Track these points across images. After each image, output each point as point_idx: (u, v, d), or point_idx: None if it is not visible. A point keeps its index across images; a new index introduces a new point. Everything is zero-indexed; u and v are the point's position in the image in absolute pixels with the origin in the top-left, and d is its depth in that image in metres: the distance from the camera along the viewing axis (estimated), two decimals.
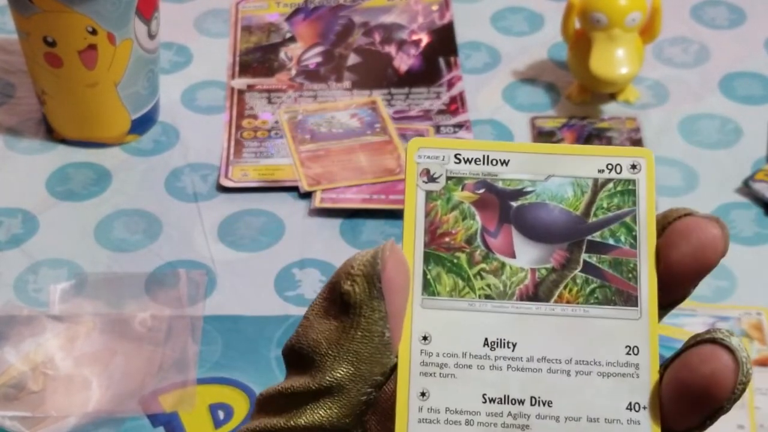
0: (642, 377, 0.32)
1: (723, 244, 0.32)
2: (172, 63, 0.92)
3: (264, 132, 0.86)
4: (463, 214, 0.33)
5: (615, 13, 0.82)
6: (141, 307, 0.73)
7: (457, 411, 0.32)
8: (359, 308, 0.31)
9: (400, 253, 0.32)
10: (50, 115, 0.84)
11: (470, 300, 0.32)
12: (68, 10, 0.77)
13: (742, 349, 0.31)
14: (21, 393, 0.68)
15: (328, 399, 0.31)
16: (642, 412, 0.32)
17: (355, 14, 0.96)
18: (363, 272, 0.31)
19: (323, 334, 0.32)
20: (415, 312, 0.32)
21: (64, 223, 0.79)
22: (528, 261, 0.33)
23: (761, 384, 0.69)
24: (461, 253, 0.33)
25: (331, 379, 0.31)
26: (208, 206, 0.80)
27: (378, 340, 0.31)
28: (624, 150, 0.34)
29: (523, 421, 0.32)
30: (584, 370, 0.32)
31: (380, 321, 0.31)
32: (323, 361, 0.31)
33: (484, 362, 0.32)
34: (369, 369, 0.31)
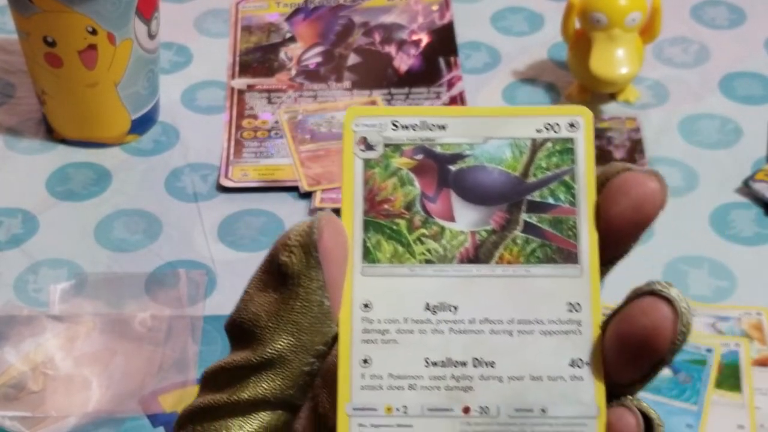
0: (584, 334, 0.32)
1: (661, 197, 0.32)
2: (172, 63, 0.92)
3: (264, 132, 0.86)
4: (402, 181, 0.33)
5: (615, 13, 0.82)
6: (141, 307, 0.73)
7: (399, 376, 0.32)
8: (297, 278, 0.31)
9: (336, 221, 0.32)
10: (50, 115, 0.84)
11: (410, 265, 0.32)
12: (68, 10, 0.77)
13: (681, 299, 0.31)
14: (21, 393, 0.68)
15: (270, 371, 0.31)
16: (585, 368, 0.32)
17: (355, 14, 0.96)
18: (300, 242, 0.31)
19: (263, 306, 0.31)
20: (356, 280, 0.32)
21: (64, 223, 0.79)
22: (468, 224, 0.33)
23: (761, 384, 0.68)
24: (400, 219, 0.33)
25: (272, 351, 0.31)
26: (208, 206, 0.80)
27: (317, 310, 0.31)
28: (561, 109, 0.34)
29: (466, 383, 0.32)
30: (526, 330, 0.32)
31: (318, 290, 0.31)
32: (263, 334, 0.31)
33: (426, 326, 0.32)
34: (310, 339, 0.31)
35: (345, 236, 0.32)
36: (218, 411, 0.31)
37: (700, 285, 0.74)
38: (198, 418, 0.32)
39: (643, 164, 0.81)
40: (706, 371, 0.69)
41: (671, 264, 0.75)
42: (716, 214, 0.79)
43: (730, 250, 0.76)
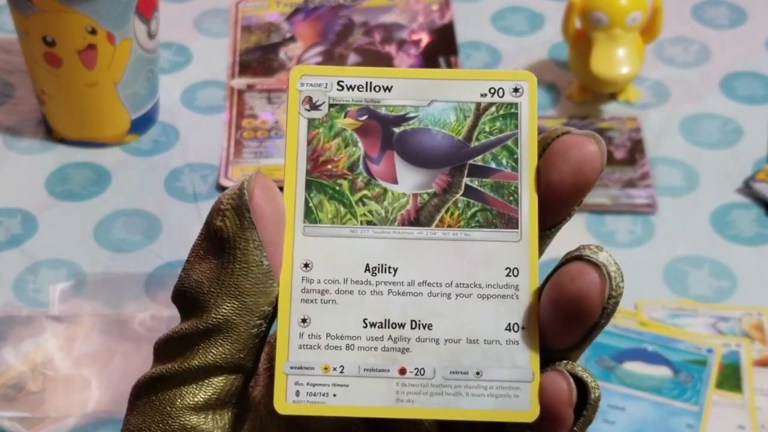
0: (521, 298, 0.32)
1: (600, 160, 0.31)
2: (172, 63, 0.92)
3: (264, 132, 0.85)
4: (346, 142, 0.33)
5: (616, 13, 0.82)
6: (140, 308, 0.73)
7: (337, 336, 0.32)
8: (233, 241, 0.31)
9: (266, 179, 0.32)
10: (50, 115, 0.84)
11: (352, 227, 0.33)
12: (68, 10, 0.77)
13: (610, 263, 0.31)
14: (20, 393, 0.68)
15: (218, 337, 0.31)
16: (520, 332, 0.32)
17: (355, 14, 0.96)
18: (232, 205, 0.31)
19: (204, 273, 0.31)
20: (297, 240, 0.32)
21: (64, 224, 0.79)
22: (410, 186, 0.33)
23: (762, 384, 0.68)
24: (343, 180, 0.33)
25: (216, 316, 0.31)
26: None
27: (257, 270, 0.31)
28: (506, 74, 0.33)
29: (403, 344, 0.32)
30: (464, 293, 0.32)
31: (255, 251, 0.31)
32: (207, 300, 0.31)
33: (365, 287, 0.32)
34: (254, 300, 0.31)
35: (277, 193, 0.32)
36: (171, 380, 0.32)
37: (701, 285, 0.74)
38: (152, 389, 0.32)
39: (643, 164, 0.81)
40: (707, 371, 0.69)
41: (671, 264, 0.75)
42: (717, 214, 0.79)
43: (730, 251, 0.76)
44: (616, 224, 0.78)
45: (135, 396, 0.32)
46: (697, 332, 0.71)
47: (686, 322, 0.71)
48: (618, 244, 0.77)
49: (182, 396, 0.31)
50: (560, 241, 0.35)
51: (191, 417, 0.31)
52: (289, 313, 0.32)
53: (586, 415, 0.31)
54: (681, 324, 0.71)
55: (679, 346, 0.70)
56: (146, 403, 0.32)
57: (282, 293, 0.32)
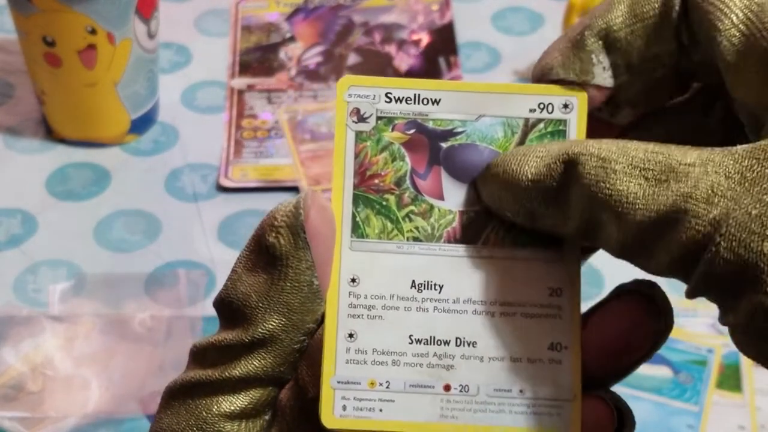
0: (564, 318, 0.32)
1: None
2: (172, 63, 0.92)
3: (264, 132, 0.85)
4: (393, 156, 0.33)
5: None
6: (140, 308, 0.73)
7: (384, 352, 0.32)
8: (286, 259, 0.31)
9: (322, 200, 0.32)
10: (49, 114, 0.84)
11: (398, 242, 0.33)
12: (67, 10, 0.77)
13: (664, 299, 0.31)
14: (20, 393, 0.68)
15: (261, 350, 0.31)
16: (563, 351, 0.32)
17: (355, 14, 0.96)
18: (286, 223, 0.31)
19: (252, 287, 0.31)
20: (344, 254, 0.32)
21: (64, 224, 0.79)
22: (456, 203, 0.33)
23: (762, 384, 0.68)
24: (390, 195, 0.33)
25: (263, 331, 0.31)
26: (207, 206, 0.80)
27: (307, 290, 0.31)
28: (556, 89, 0.33)
29: (448, 361, 0.32)
30: (508, 311, 0.32)
31: (308, 270, 0.31)
32: (254, 314, 0.31)
33: (411, 304, 0.32)
34: (300, 318, 0.31)
35: (331, 214, 0.32)
36: (209, 387, 0.32)
37: None
38: (189, 393, 0.32)
39: None
40: (707, 371, 0.69)
41: None
42: None
43: None
44: None
45: (170, 396, 0.33)
46: (696, 332, 0.71)
47: (686, 323, 0.71)
48: None
49: (219, 403, 0.32)
50: None
51: (226, 424, 0.32)
52: (336, 328, 0.32)
53: None
54: (681, 324, 0.71)
55: (679, 346, 0.70)
56: (182, 406, 0.32)
57: (329, 308, 0.32)
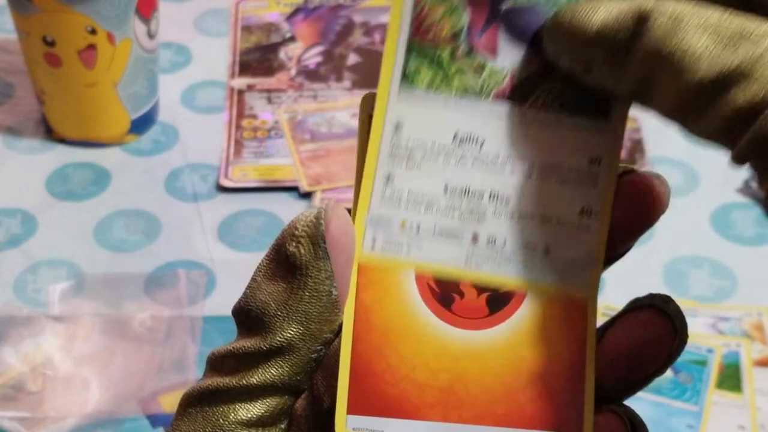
0: (599, 187, 0.32)
1: (665, 200, 0.33)
2: (172, 63, 0.92)
3: (264, 132, 0.85)
4: (453, 8, 0.32)
5: None
6: (140, 308, 0.73)
7: (418, 197, 0.32)
8: (305, 269, 0.31)
9: (342, 210, 0.32)
10: (50, 114, 0.84)
11: (446, 95, 0.32)
12: (67, 10, 0.77)
13: (680, 314, 0.32)
14: (20, 393, 0.68)
15: (279, 358, 0.32)
16: (593, 218, 0.32)
17: (355, 14, 0.96)
18: (307, 233, 0.31)
19: (272, 295, 0.32)
20: (391, 101, 0.32)
21: (64, 224, 0.79)
22: (510, 62, 0.32)
23: (762, 384, 0.68)
24: (445, 47, 0.32)
25: (281, 340, 0.31)
26: (207, 206, 0.80)
27: (326, 299, 0.31)
28: None
29: (479, 213, 0.32)
30: (545, 174, 0.32)
31: (327, 281, 0.31)
32: (273, 323, 0.32)
33: (451, 155, 0.32)
34: (318, 328, 0.32)
35: (351, 225, 0.32)
36: (226, 394, 0.32)
37: (701, 285, 0.74)
38: (206, 400, 0.32)
39: (643, 164, 0.81)
40: (707, 372, 0.69)
41: (672, 264, 0.75)
42: (717, 214, 0.79)
43: (730, 251, 0.76)
44: None
45: (187, 403, 0.33)
46: (696, 332, 0.71)
47: None
48: None
49: (236, 411, 0.32)
50: None
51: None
52: (375, 169, 0.32)
53: None
54: None
55: None
56: (199, 413, 0.32)
57: (371, 151, 0.32)
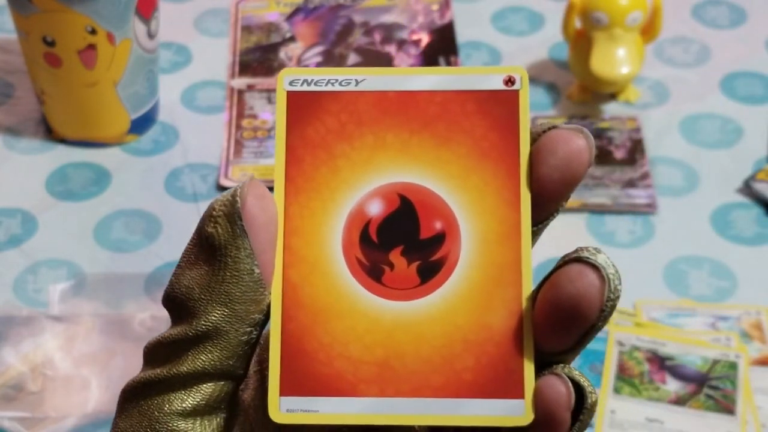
0: None
1: (588, 154, 0.31)
2: (172, 63, 0.92)
3: (264, 132, 0.85)
4: None
5: (616, 13, 0.82)
6: (140, 308, 0.73)
7: None
8: (224, 249, 0.31)
9: (260, 187, 0.32)
10: (49, 114, 0.84)
11: None
12: (67, 10, 0.77)
13: (609, 265, 0.30)
14: (20, 393, 0.68)
15: (207, 343, 0.31)
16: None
17: (355, 14, 0.96)
18: (224, 212, 0.31)
19: (195, 279, 0.31)
20: None
21: (64, 224, 0.79)
22: None
23: (762, 384, 0.68)
24: None
25: (206, 323, 0.31)
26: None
27: (248, 278, 0.31)
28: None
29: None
30: None
31: (247, 259, 0.31)
32: (197, 306, 0.31)
33: None
34: (244, 308, 0.31)
35: (271, 201, 0.32)
36: (159, 385, 0.32)
37: (701, 285, 0.74)
38: (140, 393, 0.32)
39: (643, 164, 0.81)
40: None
41: (671, 264, 0.75)
42: (717, 214, 0.79)
43: (730, 250, 0.76)
44: (616, 224, 0.78)
45: (124, 400, 0.32)
46: (696, 331, 0.71)
47: (685, 322, 0.71)
48: (618, 244, 0.77)
49: (170, 401, 0.31)
50: (561, 242, 0.35)
51: (179, 422, 0.31)
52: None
53: (582, 419, 0.31)
54: (680, 324, 0.71)
55: (680, 348, 0.70)
56: (134, 408, 0.32)
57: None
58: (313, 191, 0.32)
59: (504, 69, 0.33)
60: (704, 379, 0.68)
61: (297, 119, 0.33)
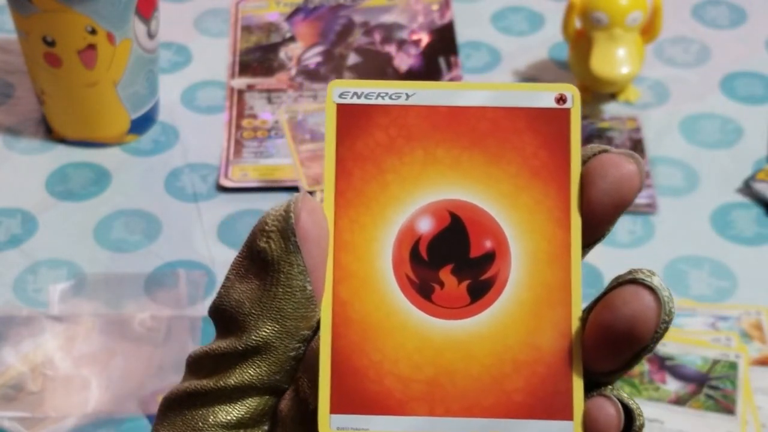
0: None
1: (638, 180, 0.31)
2: (172, 63, 0.92)
3: (264, 132, 0.85)
4: None
5: (616, 13, 0.82)
6: (140, 308, 0.73)
7: None
8: (277, 264, 0.31)
9: (313, 202, 0.31)
10: (50, 114, 0.84)
11: None
12: (67, 10, 0.77)
13: (663, 288, 0.30)
14: (20, 393, 0.68)
15: (256, 358, 0.31)
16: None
17: (355, 14, 0.96)
18: (277, 227, 0.31)
19: (245, 293, 0.31)
20: None
21: (64, 224, 0.79)
22: None
23: (762, 384, 0.68)
24: None
25: (257, 339, 0.31)
26: (207, 206, 0.80)
27: (300, 295, 0.31)
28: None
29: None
30: None
31: (300, 275, 0.31)
32: (247, 321, 0.31)
33: None
34: (294, 324, 0.31)
35: (323, 216, 0.31)
36: (205, 397, 0.31)
37: (701, 285, 0.74)
38: (185, 403, 0.32)
39: (643, 165, 0.81)
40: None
41: (671, 264, 0.75)
42: (717, 214, 0.79)
43: (730, 250, 0.76)
44: (616, 224, 0.78)
45: (167, 407, 0.32)
46: (695, 331, 0.71)
47: (685, 322, 0.71)
48: (618, 244, 0.77)
49: (215, 414, 0.31)
50: None
51: None
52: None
53: None
54: (680, 324, 0.71)
55: (678, 348, 0.70)
56: (178, 416, 0.32)
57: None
58: (362, 206, 0.32)
59: (556, 87, 0.32)
60: (704, 379, 0.68)
61: (346, 132, 0.32)
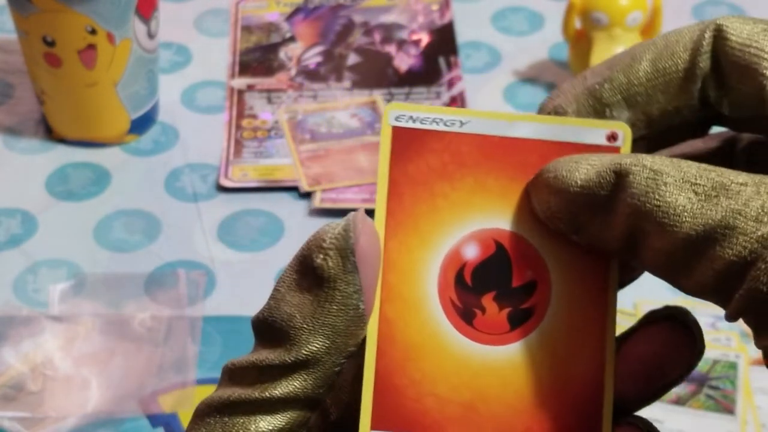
0: None
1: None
2: (172, 63, 0.92)
3: (264, 132, 0.85)
4: None
5: (616, 13, 0.82)
6: (140, 308, 0.73)
7: None
8: (334, 282, 0.31)
9: (371, 223, 0.32)
10: (49, 114, 0.84)
11: None
12: (67, 10, 0.77)
13: (696, 325, 0.32)
14: (20, 393, 0.68)
15: (303, 371, 0.31)
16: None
17: (355, 14, 0.96)
18: (335, 245, 0.31)
19: (297, 307, 0.31)
20: None
21: (64, 224, 0.79)
22: None
23: (762, 384, 0.68)
24: None
25: (307, 353, 0.31)
26: (207, 206, 0.80)
27: (353, 313, 0.31)
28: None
29: None
30: None
31: (355, 294, 0.31)
32: (298, 335, 0.31)
33: None
34: (344, 341, 0.31)
35: (378, 239, 0.32)
36: (247, 405, 0.32)
37: None
38: (226, 411, 0.32)
39: None
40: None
41: None
42: None
43: None
44: None
45: (206, 413, 0.32)
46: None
47: None
48: None
49: (257, 423, 0.31)
50: None
51: None
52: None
53: None
54: None
55: None
56: (218, 423, 0.32)
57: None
58: (411, 228, 0.32)
59: (608, 124, 0.33)
60: (704, 379, 0.68)
61: (400, 155, 0.33)
